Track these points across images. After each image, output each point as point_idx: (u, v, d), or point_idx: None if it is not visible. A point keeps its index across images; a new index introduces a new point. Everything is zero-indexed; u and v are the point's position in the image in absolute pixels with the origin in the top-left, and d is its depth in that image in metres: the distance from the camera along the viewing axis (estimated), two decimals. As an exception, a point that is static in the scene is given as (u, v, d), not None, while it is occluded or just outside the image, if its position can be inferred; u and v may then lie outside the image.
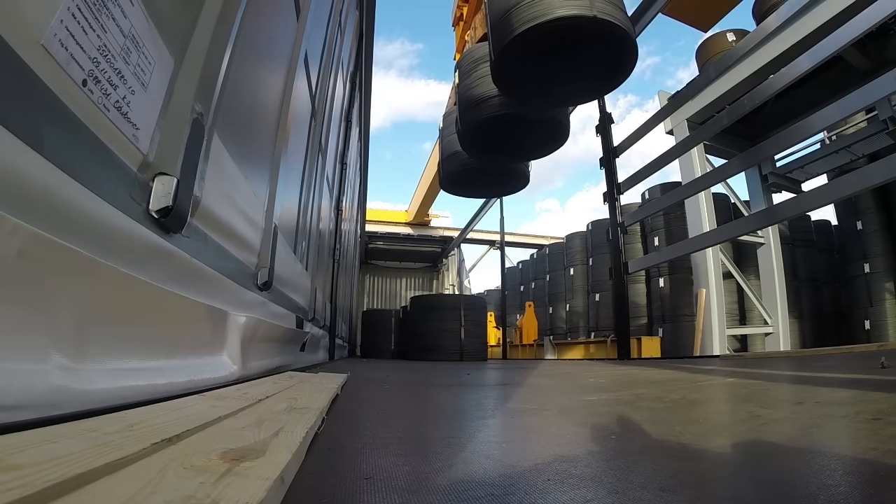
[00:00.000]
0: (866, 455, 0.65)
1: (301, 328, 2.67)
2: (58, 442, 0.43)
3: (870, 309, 7.28)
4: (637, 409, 1.18)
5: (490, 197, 9.48)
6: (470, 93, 4.94)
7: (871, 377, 1.67)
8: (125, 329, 0.76)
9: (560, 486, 0.51)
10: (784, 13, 4.52)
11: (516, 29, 3.41)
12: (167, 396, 0.81)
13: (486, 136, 5.07)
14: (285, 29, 1.99)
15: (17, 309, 0.53)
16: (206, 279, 1.14)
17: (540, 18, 3.32)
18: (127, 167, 0.80)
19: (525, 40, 3.49)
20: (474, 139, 5.15)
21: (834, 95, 4.46)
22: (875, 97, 3.23)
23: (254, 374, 1.42)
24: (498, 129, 4.95)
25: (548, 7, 3.33)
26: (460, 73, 5.31)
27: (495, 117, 4.72)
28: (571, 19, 3.28)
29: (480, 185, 6.55)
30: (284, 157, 1.97)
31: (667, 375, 2.27)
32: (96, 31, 0.67)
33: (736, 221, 5.19)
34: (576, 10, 3.26)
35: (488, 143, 5.18)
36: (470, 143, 5.24)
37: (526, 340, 10.35)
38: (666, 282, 8.00)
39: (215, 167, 1.13)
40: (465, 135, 5.16)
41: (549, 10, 3.31)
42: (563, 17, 3.27)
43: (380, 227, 12.71)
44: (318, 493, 0.48)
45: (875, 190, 6.63)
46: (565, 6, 3.28)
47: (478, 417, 1.15)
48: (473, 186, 6.71)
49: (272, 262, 1.77)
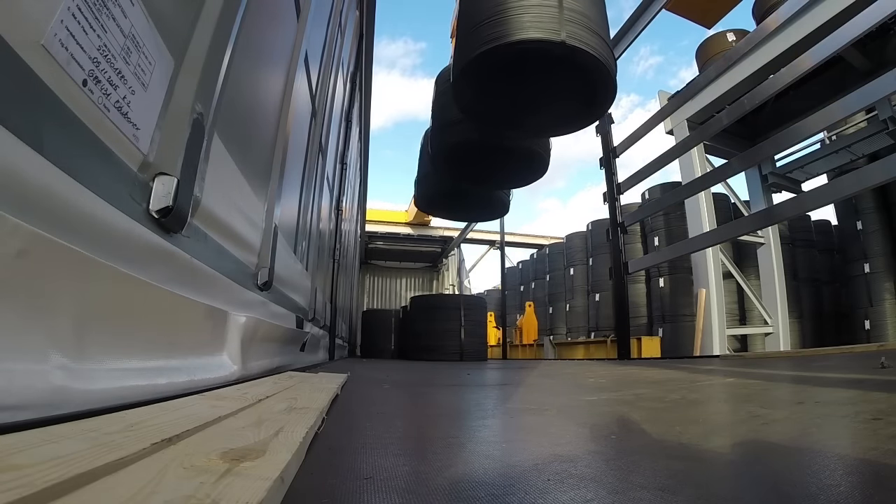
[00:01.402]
0: (866, 455, 0.65)
1: (301, 328, 2.67)
2: (58, 442, 0.43)
3: (870, 309, 7.28)
4: (637, 409, 1.18)
5: (468, 221, 9.37)
6: (442, 113, 4.61)
7: (871, 377, 1.67)
8: (125, 329, 0.76)
9: (560, 486, 0.51)
10: (784, 13, 4.51)
11: (477, 48, 3.10)
12: (167, 396, 0.81)
13: (458, 161, 4.74)
14: (285, 29, 1.99)
15: (17, 309, 0.53)
16: (206, 279, 1.14)
17: (502, 39, 2.99)
18: (127, 167, 0.80)
19: (488, 62, 3.17)
20: (445, 163, 4.85)
21: (834, 95, 4.46)
22: (875, 97, 3.23)
23: (254, 374, 1.42)
24: (470, 154, 4.61)
25: (514, 27, 2.99)
26: (435, 91, 4.96)
27: (464, 142, 4.37)
28: (538, 43, 2.94)
29: (457, 208, 6.43)
30: (284, 157, 1.97)
31: (667, 375, 2.27)
32: (96, 31, 0.67)
33: (736, 221, 5.19)
34: (543, 34, 2.92)
35: (461, 168, 4.88)
36: (441, 166, 4.96)
37: (526, 340, 10.35)
38: (666, 282, 8.00)
39: (215, 167, 1.13)
40: (435, 158, 4.86)
41: (514, 30, 2.98)
42: (528, 40, 2.94)
43: (380, 227, 12.71)
44: (318, 493, 0.48)
45: (875, 190, 6.64)
46: (532, 28, 2.95)
47: (478, 417, 1.15)
48: (450, 209, 6.60)
49: (272, 262, 1.77)
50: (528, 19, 2.99)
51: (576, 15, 3.03)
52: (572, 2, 3.07)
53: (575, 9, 3.06)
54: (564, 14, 2.98)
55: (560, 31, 2.90)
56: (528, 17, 3.00)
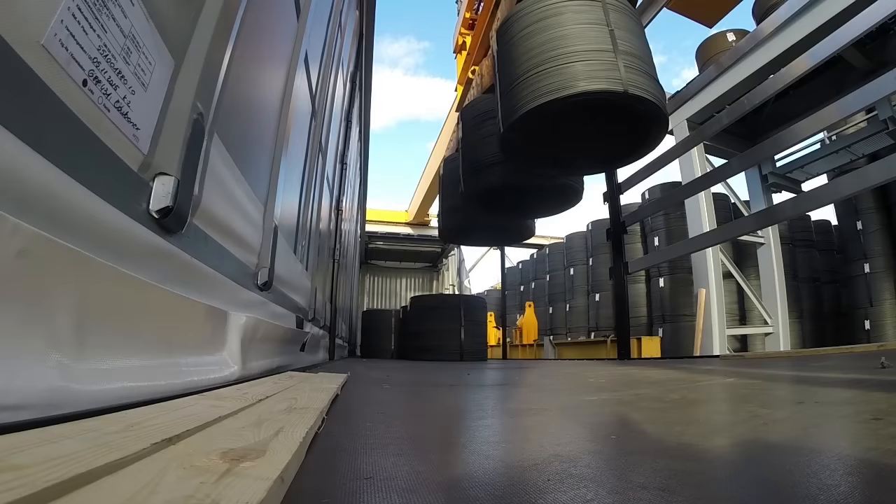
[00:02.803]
0: (866, 455, 0.65)
1: (301, 328, 2.67)
2: (58, 442, 0.43)
3: (870, 309, 7.28)
4: (637, 409, 1.18)
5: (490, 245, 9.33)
6: (475, 154, 4.53)
7: (871, 377, 1.67)
8: (125, 329, 0.76)
9: (560, 485, 0.51)
10: (784, 13, 4.52)
11: (531, 101, 2.94)
12: (167, 396, 0.81)
13: (491, 198, 4.69)
14: (285, 29, 1.99)
15: (17, 309, 0.53)
16: (206, 279, 1.14)
17: (561, 92, 2.81)
18: (127, 167, 0.80)
19: (541, 114, 3.04)
20: (479, 202, 4.80)
21: (834, 95, 4.46)
22: (875, 97, 3.23)
23: (254, 374, 1.42)
24: (504, 192, 4.56)
25: (570, 78, 2.83)
26: (463, 127, 4.90)
27: (501, 184, 4.33)
28: (599, 94, 2.79)
29: (481, 236, 6.43)
30: (284, 157, 1.97)
31: (667, 375, 2.27)
32: (96, 31, 0.67)
33: (736, 221, 5.19)
34: (604, 85, 2.77)
35: (492, 203, 4.82)
36: (474, 204, 4.90)
37: (526, 340, 10.35)
38: (666, 282, 8.00)
39: (215, 167, 1.13)
40: (469, 197, 4.79)
41: (572, 81, 2.81)
42: (590, 91, 2.78)
43: (380, 227, 12.71)
44: (318, 493, 0.48)
45: (875, 190, 6.64)
46: (591, 78, 2.79)
47: (478, 417, 1.15)
48: (473, 237, 6.61)
49: (272, 262, 1.77)
50: (582, 69, 2.83)
51: (631, 59, 2.89)
52: (625, 44, 2.93)
53: (629, 51, 2.92)
54: (621, 59, 2.83)
55: (620, 80, 2.76)
56: (582, 66, 2.84)
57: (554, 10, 3.09)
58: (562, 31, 2.99)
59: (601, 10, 3.03)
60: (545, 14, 3.11)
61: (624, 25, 3.04)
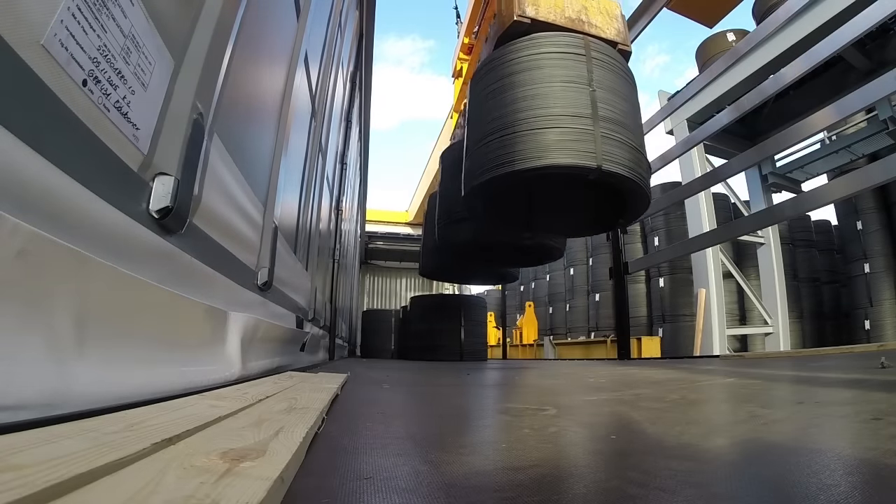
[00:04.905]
0: (866, 455, 0.65)
1: (301, 328, 2.67)
2: (58, 442, 0.43)
3: (870, 309, 7.28)
4: (637, 409, 1.18)
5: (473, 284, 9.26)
6: (448, 204, 4.14)
7: (871, 377, 1.67)
8: (125, 329, 0.76)
9: (559, 485, 0.51)
10: (784, 13, 4.52)
11: (494, 169, 2.65)
12: (167, 396, 0.81)
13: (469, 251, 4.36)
14: (285, 29, 1.99)
15: (17, 309, 0.53)
16: (206, 279, 1.14)
17: (527, 163, 2.51)
18: (127, 167, 0.80)
19: (504, 183, 2.74)
20: (454, 253, 4.50)
21: (834, 95, 4.47)
22: (875, 97, 3.24)
23: (254, 374, 1.42)
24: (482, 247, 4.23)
25: (540, 147, 2.50)
26: (442, 172, 4.54)
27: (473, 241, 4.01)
28: (568, 170, 2.49)
29: (465, 277, 6.40)
30: (284, 157, 1.97)
31: (667, 375, 2.27)
32: (96, 31, 0.67)
33: (736, 221, 5.20)
34: (574, 160, 2.45)
35: (467, 256, 4.49)
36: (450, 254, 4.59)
37: (526, 340, 10.35)
38: (666, 282, 8.01)
39: (215, 167, 1.13)
40: (443, 247, 4.44)
41: (542, 152, 2.49)
42: (560, 165, 2.47)
43: (380, 227, 12.72)
44: (318, 493, 0.48)
45: (875, 190, 6.64)
46: (562, 150, 2.47)
47: (477, 417, 1.14)
48: (458, 278, 6.60)
49: (272, 262, 1.77)
50: (553, 138, 2.48)
51: (611, 127, 2.55)
52: (607, 108, 2.59)
53: (610, 117, 2.58)
54: (600, 127, 2.50)
55: (594, 153, 2.44)
56: (555, 134, 2.48)
57: (532, 62, 2.72)
58: (536, 89, 2.63)
59: (584, 66, 2.67)
60: (521, 67, 2.73)
61: (609, 85, 2.69)
